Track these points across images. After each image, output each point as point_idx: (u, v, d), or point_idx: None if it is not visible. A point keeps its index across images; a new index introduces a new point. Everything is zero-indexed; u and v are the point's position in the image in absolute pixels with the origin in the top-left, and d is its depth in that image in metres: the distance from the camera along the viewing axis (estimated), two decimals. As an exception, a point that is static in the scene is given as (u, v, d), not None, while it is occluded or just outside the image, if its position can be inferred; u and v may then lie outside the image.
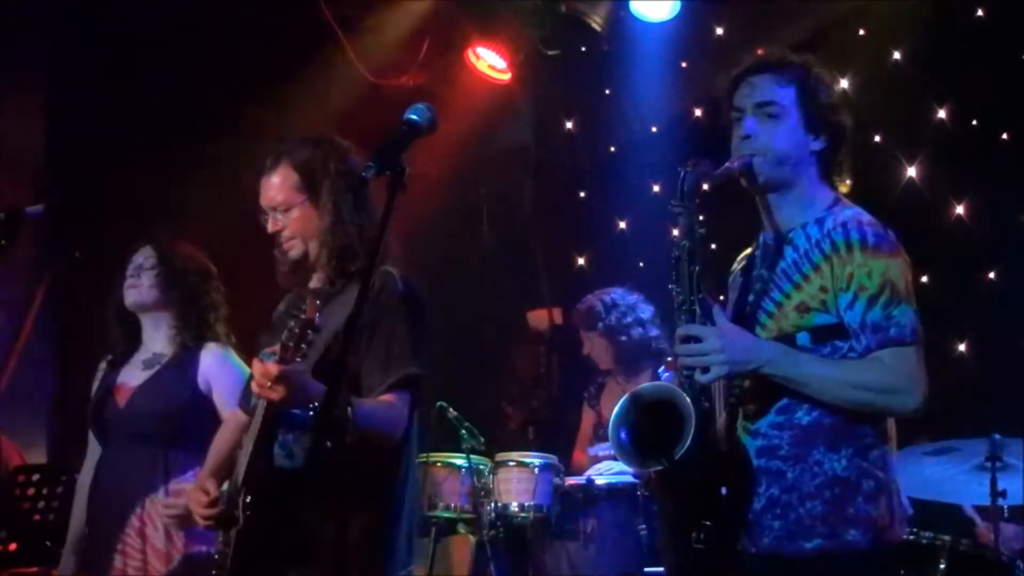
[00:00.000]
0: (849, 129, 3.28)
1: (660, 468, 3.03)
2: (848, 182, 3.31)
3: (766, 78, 3.23)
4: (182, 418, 4.46)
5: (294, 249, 3.65)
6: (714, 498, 3.09)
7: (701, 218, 3.17)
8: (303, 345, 3.14)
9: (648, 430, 3.08)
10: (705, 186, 3.18)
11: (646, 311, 6.41)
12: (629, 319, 6.34)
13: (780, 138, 3.19)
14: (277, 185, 3.64)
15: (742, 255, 3.44)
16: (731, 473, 3.12)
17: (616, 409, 3.14)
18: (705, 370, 3.04)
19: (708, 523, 3.06)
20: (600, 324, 6.32)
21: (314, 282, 3.71)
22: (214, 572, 3.50)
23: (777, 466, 3.11)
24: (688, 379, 3.07)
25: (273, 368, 3.16)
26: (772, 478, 3.11)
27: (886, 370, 3.04)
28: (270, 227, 3.67)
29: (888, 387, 3.04)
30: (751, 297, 3.24)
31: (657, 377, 6.19)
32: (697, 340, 3.05)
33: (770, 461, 3.12)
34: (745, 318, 3.20)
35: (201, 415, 4.46)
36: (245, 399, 3.84)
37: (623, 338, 6.29)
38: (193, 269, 4.67)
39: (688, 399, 3.03)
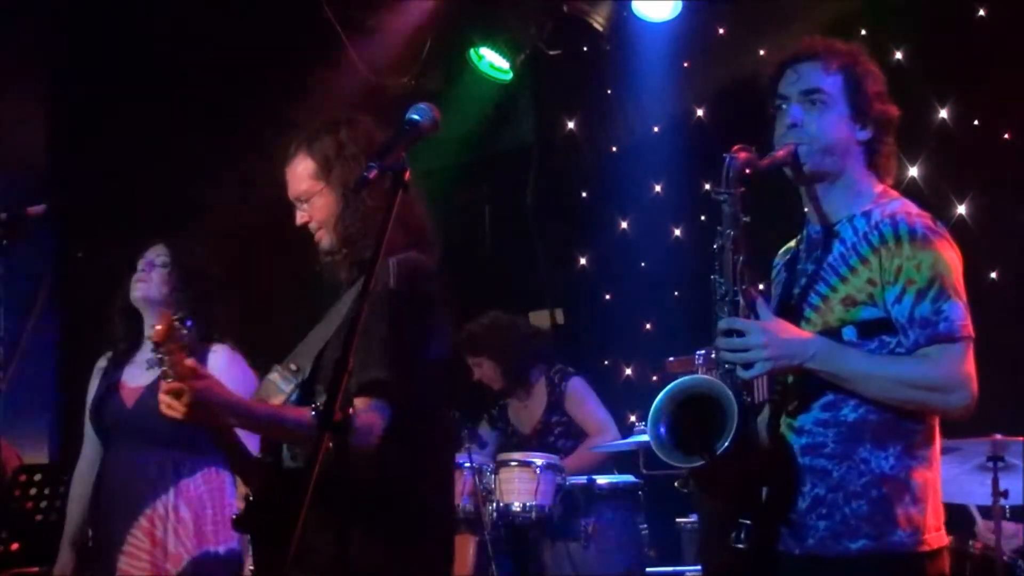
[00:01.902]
0: (897, 119, 3.21)
1: (701, 464, 2.93)
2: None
3: (812, 65, 3.13)
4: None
5: (323, 240, 3.53)
6: (755, 496, 3.00)
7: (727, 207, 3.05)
8: (165, 367, 3.02)
9: (688, 425, 2.98)
10: (747, 171, 3.06)
11: (523, 325, 6.54)
12: (510, 336, 6.47)
13: (826, 127, 3.10)
14: (298, 175, 3.53)
15: (785, 248, 3.34)
16: (773, 471, 3.02)
17: (655, 403, 3.03)
18: (747, 366, 2.94)
19: (748, 522, 2.97)
20: (484, 349, 6.44)
21: (343, 273, 3.56)
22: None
23: (822, 464, 3.00)
24: (729, 373, 2.97)
25: (162, 387, 3.05)
26: (817, 476, 3.00)
27: (934, 366, 2.94)
28: (298, 219, 3.56)
29: (936, 384, 2.94)
30: (796, 291, 3.15)
31: (553, 380, 6.31)
32: (740, 334, 2.95)
33: (815, 459, 3.01)
34: (790, 312, 3.11)
35: None
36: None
37: (508, 357, 6.41)
38: (205, 272, 4.65)
39: (731, 393, 2.93)
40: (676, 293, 7.33)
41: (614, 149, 8.09)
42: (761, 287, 3.36)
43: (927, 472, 3.03)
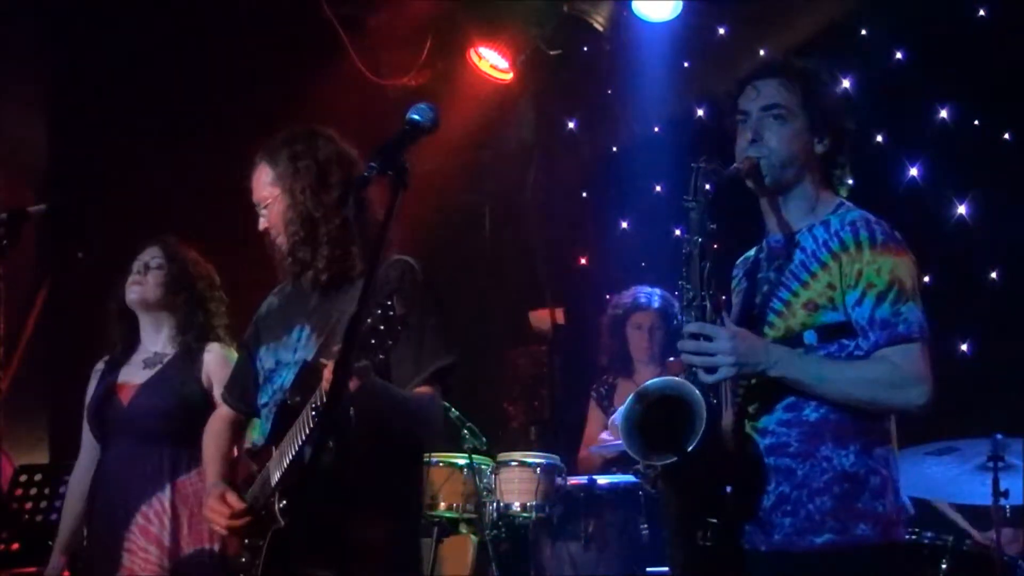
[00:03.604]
0: (851, 132, 3.32)
1: (671, 462, 3.02)
2: (850, 182, 3.34)
3: (772, 82, 3.26)
4: (187, 416, 4.48)
5: (281, 246, 3.64)
6: (720, 495, 3.09)
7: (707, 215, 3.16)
8: (390, 341, 3.01)
9: (658, 425, 3.08)
10: (709, 185, 3.17)
11: None
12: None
13: (786, 140, 3.22)
14: (257, 182, 3.68)
15: (743, 258, 3.46)
16: (738, 471, 3.12)
17: (625, 403, 3.15)
18: (712, 370, 3.04)
19: (714, 520, 3.06)
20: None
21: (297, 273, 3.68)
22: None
23: (786, 463, 3.12)
24: (694, 376, 3.07)
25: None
26: (782, 475, 3.12)
27: (894, 367, 3.06)
28: (260, 225, 3.69)
29: (897, 383, 3.06)
30: (758, 299, 3.26)
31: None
32: (707, 339, 3.06)
33: (779, 459, 3.13)
34: (753, 319, 3.22)
35: (205, 412, 4.47)
36: (235, 396, 3.84)
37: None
38: (200, 274, 4.71)
39: (699, 394, 3.03)
40: (676, 293, 7.32)
41: (614, 149, 8.09)
42: (724, 297, 3.40)
43: (884, 470, 3.14)
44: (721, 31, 7.41)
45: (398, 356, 3.34)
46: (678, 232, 3.18)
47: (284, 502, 3.31)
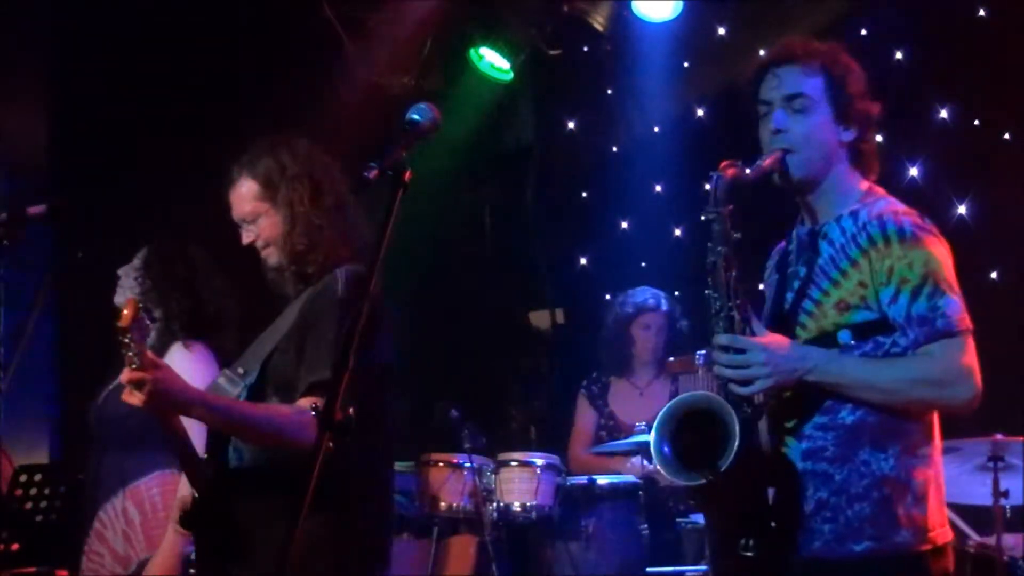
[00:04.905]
0: (876, 116, 3.21)
1: (704, 483, 2.96)
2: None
3: (793, 69, 3.13)
4: (141, 421, 4.43)
5: (271, 257, 3.65)
6: (761, 505, 3.01)
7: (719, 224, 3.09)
8: (130, 353, 3.09)
9: (691, 441, 3.02)
10: (736, 187, 3.09)
11: None
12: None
13: (811, 131, 3.10)
14: (242, 197, 3.67)
15: (775, 250, 3.36)
16: (777, 478, 3.04)
17: (657, 420, 3.07)
18: (746, 382, 2.97)
19: (756, 530, 2.99)
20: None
21: (290, 287, 3.68)
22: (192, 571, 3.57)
23: (824, 468, 3.02)
24: (725, 387, 2.99)
25: (124, 375, 3.13)
26: (819, 481, 3.02)
27: (935, 363, 2.97)
28: (244, 239, 3.70)
29: (939, 380, 2.97)
30: (789, 295, 3.16)
31: (678, 387, 6.26)
32: (739, 351, 2.98)
33: (816, 464, 3.03)
34: (784, 318, 3.13)
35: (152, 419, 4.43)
36: None
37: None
38: (174, 274, 4.63)
39: (732, 409, 2.95)
40: (676, 293, 7.33)
41: (615, 149, 8.09)
42: (761, 287, 3.36)
43: (927, 470, 3.04)
44: (721, 31, 7.41)
45: (297, 368, 3.40)
46: (677, 232, 3.16)
47: (196, 496, 3.41)
